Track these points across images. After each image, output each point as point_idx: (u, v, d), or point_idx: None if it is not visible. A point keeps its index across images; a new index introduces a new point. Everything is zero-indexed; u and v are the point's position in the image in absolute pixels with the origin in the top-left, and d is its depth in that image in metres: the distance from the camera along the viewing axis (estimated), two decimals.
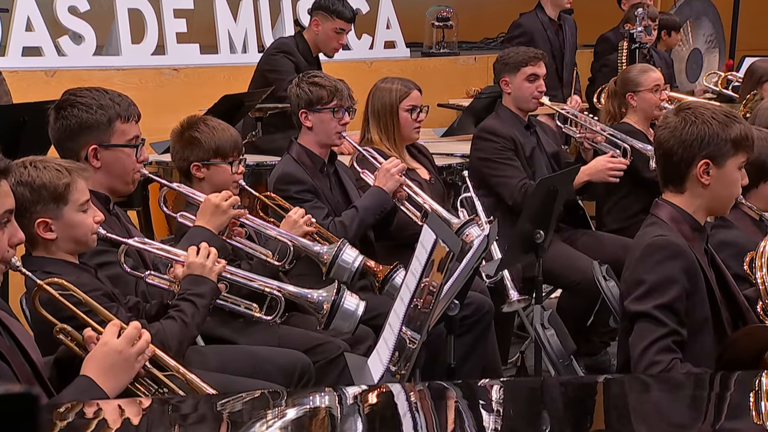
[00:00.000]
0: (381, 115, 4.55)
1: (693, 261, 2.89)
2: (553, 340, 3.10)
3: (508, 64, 5.01)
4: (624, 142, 4.91)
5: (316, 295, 3.10)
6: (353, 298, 3.10)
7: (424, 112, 4.59)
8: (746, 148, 2.95)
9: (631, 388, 2.53)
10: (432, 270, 2.56)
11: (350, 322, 3.09)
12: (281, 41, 6.04)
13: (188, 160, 3.73)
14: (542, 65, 5.02)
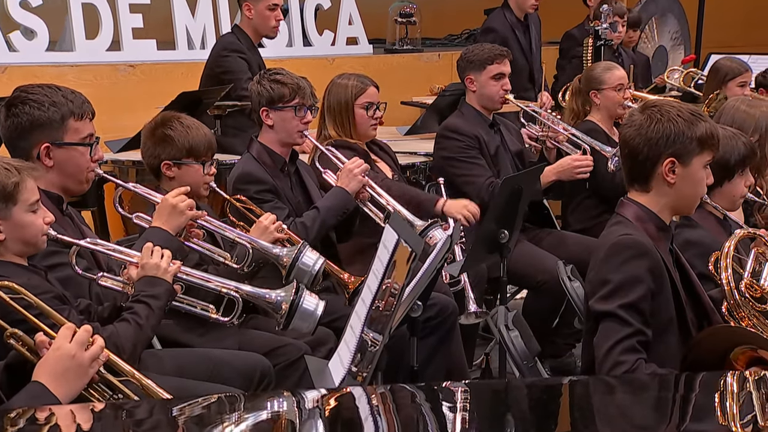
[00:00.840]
0: (336, 111, 4.55)
1: (658, 260, 2.92)
2: (517, 342, 3.11)
3: (473, 62, 5.02)
4: (584, 142, 4.94)
5: (275, 295, 3.10)
6: (312, 297, 3.10)
7: (381, 109, 4.58)
8: (712, 146, 2.98)
9: (595, 390, 2.55)
10: (394, 271, 2.56)
11: (309, 322, 3.09)
12: (226, 41, 5.98)
13: (159, 158, 3.72)
14: (507, 63, 5.03)
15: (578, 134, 4.98)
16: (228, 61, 5.74)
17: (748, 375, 2.58)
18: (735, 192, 3.45)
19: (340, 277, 3.67)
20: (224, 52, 5.82)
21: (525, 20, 7.02)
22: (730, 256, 3.01)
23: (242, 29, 5.87)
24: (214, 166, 3.77)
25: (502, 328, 3.16)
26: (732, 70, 5.77)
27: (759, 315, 2.99)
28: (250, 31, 5.85)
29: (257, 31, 5.87)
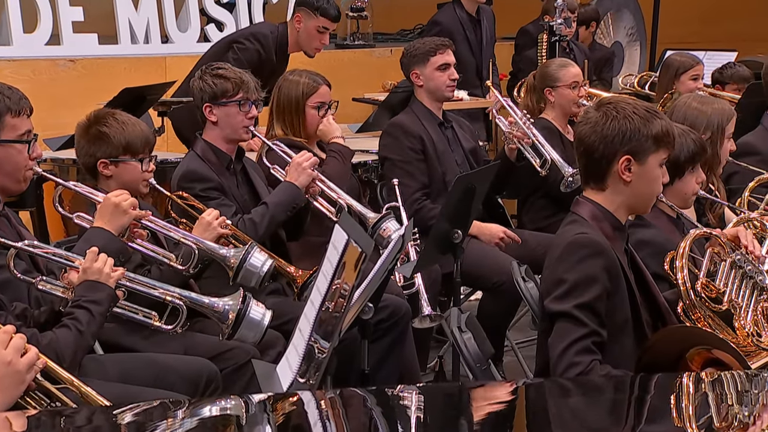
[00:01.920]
0: (286, 110, 4.53)
1: (614, 260, 2.94)
2: (470, 344, 3.12)
3: (416, 56, 5.03)
4: (548, 153, 4.96)
5: (221, 303, 3.09)
6: (259, 307, 3.10)
7: (333, 108, 4.58)
8: (668, 144, 3.01)
9: (550, 393, 2.56)
10: (344, 272, 2.56)
11: (256, 332, 3.09)
12: (260, 29, 5.91)
13: (95, 156, 3.68)
14: (450, 53, 5.06)
15: (545, 144, 5.00)
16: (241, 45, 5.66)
17: (703, 376, 2.62)
18: (686, 190, 3.49)
19: (287, 272, 3.65)
20: (249, 36, 5.74)
21: (477, 15, 7.05)
22: (685, 256, 3.04)
23: (286, 32, 5.81)
24: (153, 163, 3.74)
25: (455, 330, 3.17)
26: (683, 64, 5.85)
27: (714, 316, 3.02)
28: (292, 39, 5.80)
29: (297, 44, 5.83)
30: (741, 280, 3.10)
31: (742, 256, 3.12)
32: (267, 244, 4.05)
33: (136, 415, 2.29)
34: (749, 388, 2.52)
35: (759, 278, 3.11)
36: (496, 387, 2.88)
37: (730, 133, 3.86)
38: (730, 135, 3.87)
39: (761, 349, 2.97)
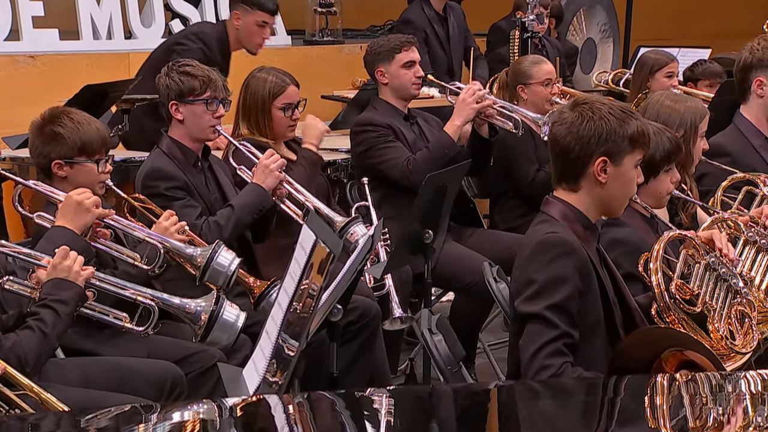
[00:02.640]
0: (252, 110, 4.52)
1: (586, 260, 2.95)
2: (441, 346, 3.13)
3: (380, 54, 5.03)
4: (515, 112, 4.98)
5: (194, 305, 3.08)
6: (233, 308, 3.09)
7: (300, 107, 4.57)
8: (643, 145, 3.03)
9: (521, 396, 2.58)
10: (312, 273, 2.56)
11: (229, 334, 3.08)
12: (201, 27, 5.89)
13: (49, 157, 3.65)
14: (415, 50, 5.06)
15: (507, 105, 5.02)
16: (184, 47, 5.65)
17: (677, 377, 2.64)
18: (661, 189, 3.51)
19: (245, 282, 3.65)
20: (191, 35, 5.73)
21: (444, 13, 7.08)
22: (659, 258, 3.06)
23: (226, 29, 5.79)
24: (109, 163, 3.71)
25: (426, 332, 3.18)
26: (658, 62, 5.89)
27: (688, 318, 3.04)
28: (233, 37, 5.78)
29: (239, 41, 5.81)
30: (715, 283, 3.12)
31: (717, 259, 3.14)
32: (233, 246, 4.05)
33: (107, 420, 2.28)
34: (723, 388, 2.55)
35: (733, 281, 3.13)
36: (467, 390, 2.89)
37: (704, 132, 3.89)
38: (704, 133, 3.89)
39: (735, 352, 3.00)
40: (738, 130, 4.41)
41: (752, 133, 4.39)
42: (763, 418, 2.38)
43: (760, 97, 4.37)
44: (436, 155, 4.79)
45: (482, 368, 5.10)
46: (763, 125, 4.40)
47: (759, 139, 4.39)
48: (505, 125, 4.97)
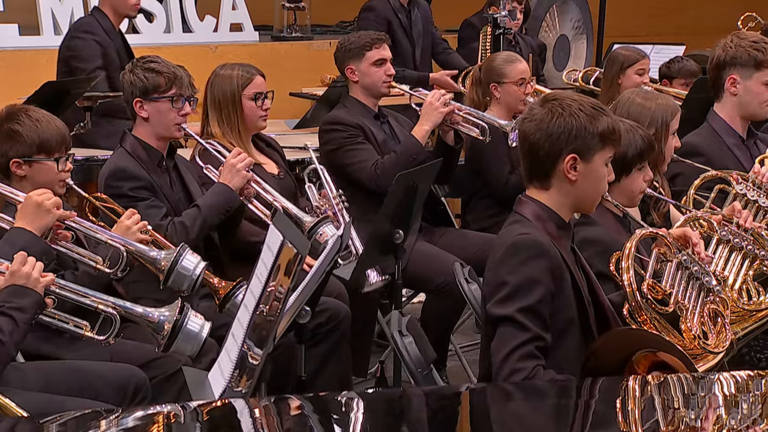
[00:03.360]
0: (222, 105, 4.51)
1: (558, 260, 2.97)
2: (411, 349, 3.14)
3: (351, 50, 5.03)
4: (482, 120, 4.99)
5: (157, 314, 3.07)
6: (198, 318, 3.08)
7: (269, 99, 4.57)
8: (614, 142, 3.05)
9: (492, 398, 2.59)
10: (279, 274, 2.56)
11: (193, 344, 3.07)
12: (80, 21, 5.86)
13: (7, 156, 3.62)
14: (387, 48, 5.07)
15: (474, 112, 5.03)
16: (77, 43, 5.62)
17: (649, 379, 2.66)
18: (633, 187, 3.52)
19: (210, 282, 3.64)
20: (75, 33, 5.71)
21: (408, 5, 7.09)
22: (631, 257, 3.06)
23: (102, 10, 5.77)
24: (69, 162, 3.69)
25: (396, 334, 3.19)
26: (629, 58, 5.91)
27: (660, 318, 3.05)
28: (110, 13, 5.75)
29: (116, 12, 5.78)
30: (687, 282, 3.13)
31: (689, 257, 3.15)
32: (200, 247, 4.03)
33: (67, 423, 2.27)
34: (696, 390, 2.57)
35: (705, 279, 3.14)
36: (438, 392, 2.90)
37: (675, 130, 3.90)
38: (675, 131, 3.92)
39: (708, 351, 3.02)
40: (711, 128, 4.42)
41: (726, 132, 4.39)
42: (736, 420, 2.41)
43: (734, 95, 4.37)
44: (405, 160, 4.79)
45: (454, 371, 5.11)
46: (736, 124, 4.41)
47: (733, 138, 4.38)
48: (471, 132, 4.98)
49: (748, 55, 4.33)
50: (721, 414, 2.45)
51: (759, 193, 3.93)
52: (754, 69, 4.33)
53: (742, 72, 4.35)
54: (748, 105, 4.37)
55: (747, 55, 4.34)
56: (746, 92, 4.35)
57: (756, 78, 4.34)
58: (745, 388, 2.63)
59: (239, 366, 2.52)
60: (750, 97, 4.36)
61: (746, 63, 4.34)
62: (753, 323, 3.49)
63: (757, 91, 4.34)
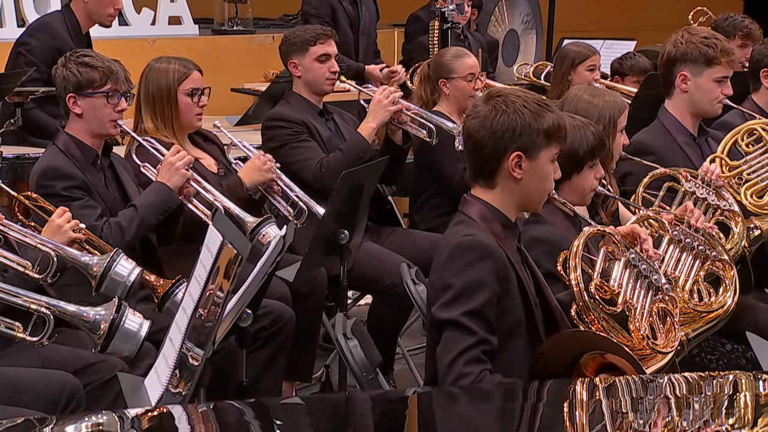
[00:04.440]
0: (157, 100, 4.48)
1: (504, 262, 2.99)
2: (356, 352, 3.15)
3: (294, 44, 5.04)
4: (429, 121, 5.01)
5: (93, 313, 3.05)
6: (136, 317, 3.07)
7: (206, 95, 4.56)
8: (559, 138, 3.08)
9: (438, 402, 2.61)
10: (218, 276, 2.56)
11: (131, 344, 3.05)
12: (44, 20, 5.81)
13: None
14: (333, 43, 5.08)
15: (422, 112, 5.05)
16: (31, 44, 5.57)
17: (597, 382, 2.69)
18: (585, 185, 3.54)
19: (147, 280, 3.63)
20: (34, 32, 5.67)
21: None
22: (578, 255, 3.08)
23: (71, 10, 5.70)
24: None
25: (340, 337, 3.20)
26: (579, 54, 5.97)
27: (608, 318, 3.07)
28: (81, 15, 5.69)
29: (89, 17, 5.72)
30: (636, 280, 3.15)
31: (637, 255, 3.18)
32: (136, 249, 4.01)
33: None
34: (644, 394, 2.61)
35: (654, 277, 3.17)
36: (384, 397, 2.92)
37: (623, 127, 3.94)
38: (623, 128, 3.96)
39: (656, 351, 3.06)
40: (662, 126, 4.44)
41: (677, 130, 4.41)
42: (688, 421, 2.45)
43: (684, 92, 4.38)
44: (350, 158, 4.80)
45: (401, 374, 5.13)
46: (687, 121, 4.42)
47: (684, 135, 4.40)
48: (418, 133, 5.00)
49: (698, 51, 4.35)
50: (672, 415, 2.49)
51: (708, 190, 3.99)
52: (704, 65, 4.35)
53: (692, 68, 4.36)
54: (699, 102, 4.39)
55: (698, 51, 4.35)
56: (697, 89, 4.37)
57: (707, 75, 4.35)
58: (697, 389, 2.67)
59: (178, 368, 2.51)
60: (701, 93, 4.37)
61: (697, 59, 4.35)
62: (704, 324, 3.53)
63: (708, 87, 4.36)
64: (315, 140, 4.99)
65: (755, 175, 4.26)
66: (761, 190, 4.25)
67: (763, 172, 4.28)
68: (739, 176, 4.25)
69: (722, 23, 5.98)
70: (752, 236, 4.19)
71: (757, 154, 4.29)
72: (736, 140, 4.34)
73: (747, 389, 2.65)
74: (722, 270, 3.59)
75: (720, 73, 4.36)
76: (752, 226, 4.19)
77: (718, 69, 4.35)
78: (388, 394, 3.18)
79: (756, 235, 4.19)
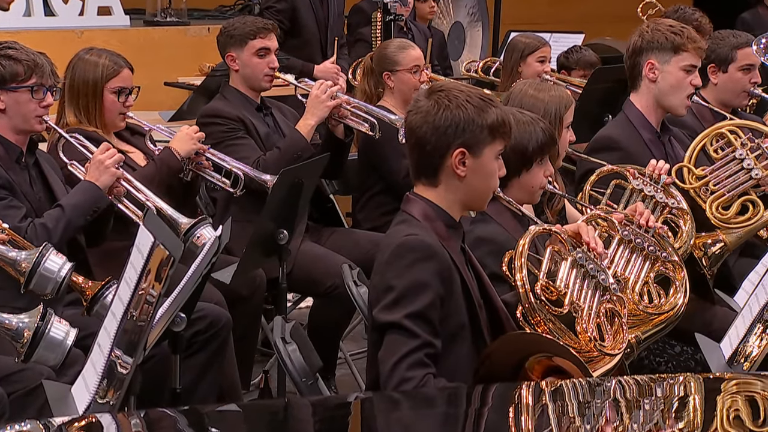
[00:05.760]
0: (82, 94, 4.45)
1: (447, 262, 3.00)
2: (295, 357, 3.15)
3: (233, 37, 5.03)
4: (371, 114, 5.01)
5: (16, 320, 3.03)
6: (62, 324, 3.05)
7: (133, 95, 4.53)
8: (503, 134, 3.09)
9: (380, 408, 2.62)
10: (150, 278, 2.55)
11: (57, 353, 3.03)
12: None
13: None
14: (273, 38, 5.07)
15: (362, 106, 5.05)
16: None
17: (543, 386, 2.72)
18: (534, 183, 3.56)
19: (75, 282, 3.60)
20: None
21: None
22: (524, 255, 3.10)
23: None
24: None
25: (279, 341, 3.20)
26: (528, 46, 6.01)
27: (555, 320, 3.09)
28: None
29: None
30: (583, 280, 3.18)
31: (584, 254, 3.20)
32: (64, 251, 3.98)
33: None
34: (591, 398, 2.64)
35: (601, 277, 3.19)
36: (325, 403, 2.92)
37: (569, 123, 3.98)
38: (569, 124, 3.99)
39: (604, 354, 3.08)
40: (627, 120, 4.39)
41: (642, 126, 4.37)
42: (638, 424, 2.48)
43: (652, 81, 4.36)
44: (288, 157, 4.79)
45: (343, 380, 5.15)
46: (652, 115, 4.38)
47: (649, 132, 4.38)
48: (360, 127, 5.01)
49: (665, 38, 4.34)
50: (621, 419, 2.51)
51: (656, 188, 4.02)
52: (672, 53, 4.34)
53: (659, 56, 4.35)
54: (667, 94, 4.36)
55: (664, 39, 4.34)
56: (665, 77, 4.35)
57: (674, 62, 4.34)
58: (646, 392, 2.70)
59: (106, 376, 2.50)
60: (669, 83, 4.35)
61: (664, 47, 4.34)
62: (654, 326, 3.56)
63: (676, 76, 4.34)
64: (252, 137, 4.98)
65: (721, 185, 4.27)
66: (727, 201, 4.26)
67: (729, 182, 4.27)
68: (705, 186, 4.26)
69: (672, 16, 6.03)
70: (712, 253, 4.21)
71: (722, 162, 4.29)
72: (704, 145, 4.33)
73: (697, 392, 2.69)
74: (672, 271, 3.63)
75: (687, 61, 4.35)
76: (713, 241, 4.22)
77: (686, 56, 4.35)
78: (328, 400, 3.18)
79: (717, 253, 4.21)
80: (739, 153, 4.31)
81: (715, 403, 2.63)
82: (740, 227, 4.26)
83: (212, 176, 4.58)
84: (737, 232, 4.27)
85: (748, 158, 4.30)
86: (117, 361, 2.52)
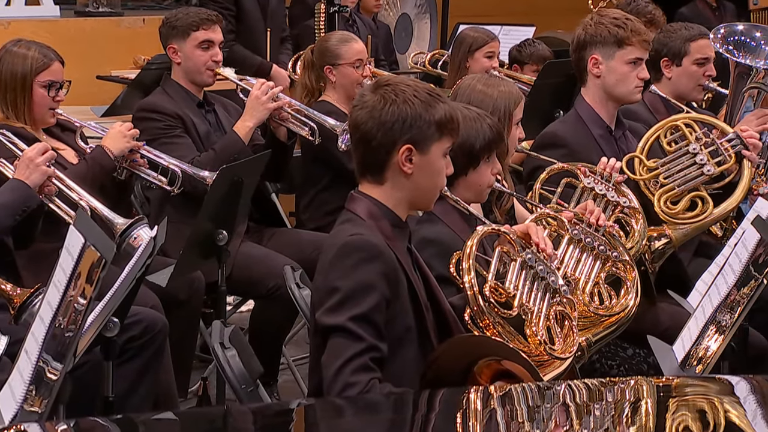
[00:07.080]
0: (9, 88, 4.40)
1: (393, 263, 3.01)
2: (234, 362, 3.15)
3: (176, 28, 5.00)
4: (311, 119, 5.01)
5: None
6: None
7: (64, 89, 4.49)
8: (452, 131, 3.10)
9: (323, 415, 2.62)
10: (80, 281, 2.54)
11: None
12: None
13: None
14: (218, 30, 5.05)
15: (303, 109, 5.04)
16: None
17: (492, 390, 2.73)
18: (482, 181, 3.57)
19: (2, 290, 3.57)
20: None
21: None
22: (472, 256, 3.11)
23: None
24: None
25: (217, 346, 3.19)
26: (477, 41, 6.03)
27: (504, 322, 3.10)
28: None
29: None
30: (532, 282, 3.19)
31: (533, 255, 3.21)
32: None
33: None
34: (541, 402, 2.66)
35: (551, 279, 3.21)
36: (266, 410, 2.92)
37: (519, 119, 3.99)
38: (519, 121, 4.00)
39: (554, 357, 3.10)
40: (578, 116, 4.39)
41: (592, 121, 4.36)
42: (588, 430, 2.50)
43: (597, 77, 4.36)
44: (224, 160, 4.73)
45: (286, 386, 5.14)
46: (603, 111, 4.38)
47: (600, 128, 4.38)
48: (300, 131, 5.00)
49: (608, 32, 4.32)
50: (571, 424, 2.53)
51: (607, 186, 4.04)
52: (615, 47, 4.32)
53: (603, 51, 4.33)
54: (614, 87, 4.35)
55: (607, 33, 4.31)
56: (609, 73, 4.33)
57: (618, 57, 4.32)
58: (597, 396, 2.72)
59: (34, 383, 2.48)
60: (614, 78, 4.33)
61: (607, 41, 4.32)
62: (605, 329, 3.58)
63: (621, 71, 4.33)
64: (190, 135, 4.95)
65: (671, 179, 4.27)
66: (677, 195, 4.27)
67: (679, 177, 4.28)
68: (656, 179, 4.27)
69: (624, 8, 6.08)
70: (656, 248, 4.22)
71: (675, 156, 4.30)
72: (658, 136, 4.34)
73: (649, 396, 2.72)
74: (623, 271, 3.65)
75: (632, 55, 4.33)
76: (658, 234, 4.24)
77: (630, 50, 4.33)
78: (269, 408, 3.17)
79: (659, 249, 4.23)
80: (692, 147, 4.33)
81: (667, 407, 2.65)
82: (687, 223, 4.29)
83: (148, 174, 4.55)
84: (684, 228, 4.28)
85: (701, 153, 4.33)
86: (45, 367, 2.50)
